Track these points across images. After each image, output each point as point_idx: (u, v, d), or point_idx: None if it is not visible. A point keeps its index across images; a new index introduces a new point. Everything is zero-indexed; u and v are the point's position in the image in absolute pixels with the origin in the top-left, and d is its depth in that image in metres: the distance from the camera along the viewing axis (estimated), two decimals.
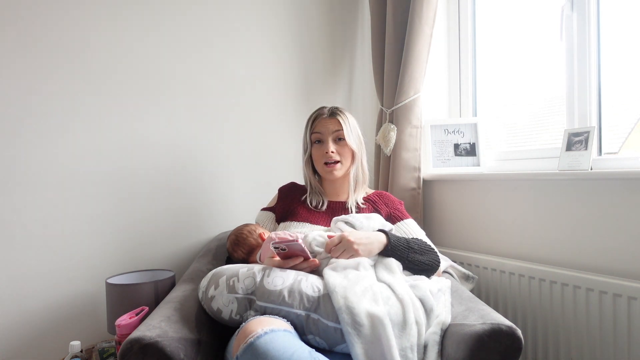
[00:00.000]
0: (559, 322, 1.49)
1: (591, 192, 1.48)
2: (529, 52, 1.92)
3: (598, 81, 1.61)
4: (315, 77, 2.18)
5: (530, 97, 1.95)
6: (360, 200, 1.55)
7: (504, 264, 1.67)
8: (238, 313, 1.13)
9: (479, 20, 2.09)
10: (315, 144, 1.54)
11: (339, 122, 1.51)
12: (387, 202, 1.57)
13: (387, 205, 1.56)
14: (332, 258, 1.27)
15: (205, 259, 1.60)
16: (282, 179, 1.91)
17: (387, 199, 1.59)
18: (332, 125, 1.51)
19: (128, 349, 0.98)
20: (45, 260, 1.60)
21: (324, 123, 1.52)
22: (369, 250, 1.28)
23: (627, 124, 1.62)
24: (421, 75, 1.95)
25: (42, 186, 1.59)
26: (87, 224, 1.67)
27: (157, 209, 1.80)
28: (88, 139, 1.67)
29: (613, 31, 1.59)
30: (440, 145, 2.04)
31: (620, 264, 1.40)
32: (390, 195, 1.61)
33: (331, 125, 1.51)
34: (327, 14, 2.21)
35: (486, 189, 1.81)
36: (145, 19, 1.77)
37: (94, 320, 1.68)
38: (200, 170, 1.90)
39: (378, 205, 1.55)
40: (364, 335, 1.04)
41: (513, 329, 1.02)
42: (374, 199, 1.57)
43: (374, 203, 1.56)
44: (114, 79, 1.71)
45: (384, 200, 1.57)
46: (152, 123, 1.79)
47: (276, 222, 1.58)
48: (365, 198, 1.57)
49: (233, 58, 1.96)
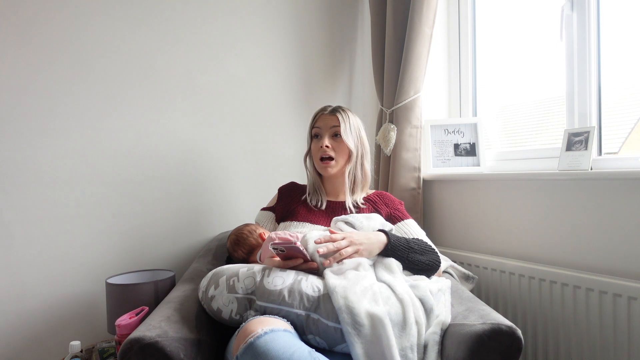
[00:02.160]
0: (559, 322, 1.49)
1: (591, 192, 1.48)
2: (529, 52, 1.92)
3: (598, 81, 1.61)
4: (315, 77, 2.18)
5: (530, 97, 1.95)
6: (360, 200, 1.55)
7: (504, 264, 1.67)
8: (238, 313, 1.13)
9: (479, 20, 2.09)
10: (314, 138, 1.56)
11: (338, 118, 1.52)
12: (388, 202, 1.57)
13: (387, 206, 1.56)
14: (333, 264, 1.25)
15: (205, 259, 1.60)
16: (282, 178, 1.91)
17: (388, 199, 1.59)
18: (331, 121, 1.53)
19: (128, 349, 0.98)
20: (45, 260, 1.60)
21: (323, 118, 1.55)
22: (370, 250, 1.28)
23: (627, 124, 1.62)
24: (421, 75, 1.95)
25: (42, 186, 1.59)
26: (87, 224, 1.67)
27: (157, 209, 1.80)
28: (88, 139, 1.67)
29: (613, 31, 1.59)
30: (440, 145, 2.04)
31: (620, 264, 1.40)
32: (390, 196, 1.61)
33: (330, 121, 1.53)
34: (327, 14, 2.21)
35: (486, 189, 1.81)
36: (145, 20, 1.76)
37: (94, 320, 1.68)
38: (200, 170, 1.90)
39: (378, 205, 1.55)
40: (364, 335, 1.04)
41: (513, 329, 1.02)
42: (374, 199, 1.57)
43: (374, 203, 1.56)
44: (114, 79, 1.71)
45: (384, 201, 1.58)
46: (152, 123, 1.79)
47: (276, 222, 1.58)
48: (365, 198, 1.57)
49: (232, 58, 1.96)
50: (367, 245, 1.28)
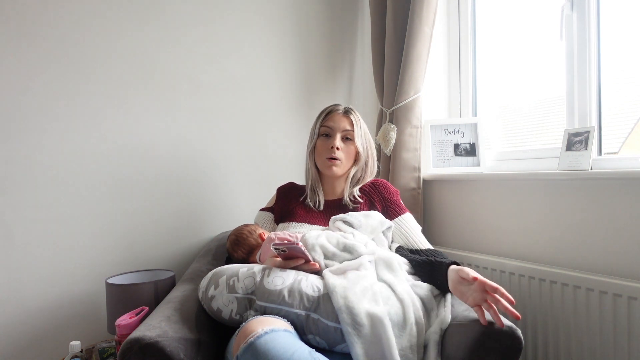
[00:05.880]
0: (559, 322, 1.49)
1: (591, 192, 1.48)
2: (529, 52, 1.92)
3: (598, 81, 1.61)
4: (315, 77, 2.19)
5: (530, 97, 1.95)
6: (357, 193, 1.54)
7: (504, 264, 1.67)
8: (238, 313, 1.13)
9: (479, 20, 2.09)
10: (323, 136, 1.54)
11: (352, 122, 1.52)
12: (383, 193, 1.54)
13: (383, 197, 1.54)
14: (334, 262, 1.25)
15: (205, 259, 1.59)
16: (282, 178, 1.91)
17: (382, 188, 1.56)
18: (344, 124, 1.52)
19: (128, 349, 0.98)
20: (45, 260, 1.60)
21: (336, 119, 1.53)
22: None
23: (627, 124, 1.62)
24: (421, 75, 1.95)
25: (42, 186, 1.59)
26: (87, 224, 1.67)
27: (157, 209, 1.80)
28: (88, 139, 1.67)
29: (613, 31, 1.59)
30: (440, 145, 2.04)
31: (621, 264, 1.40)
32: (385, 184, 1.58)
33: (343, 123, 1.52)
34: (327, 14, 2.21)
35: (486, 189, 1.81)
36: (146, 20, 1.77)
37: (94, 320, 1.68)
38: (200, 170, 1.90)
39: (373, 197, 1.54)
40: (364, 335, 1.04)
41: (513, 329, 1.02)
42: (369, 190, 1.56)
43: (369, 195, 1.55)
44: (114, 79, 1.71)
45: (379, 191, 1.55)
46: (152, 123, 1.79)
47: (275, 223, 1.58)
48: (361, 189, 1.56)
49: (233, 58, 1.96)
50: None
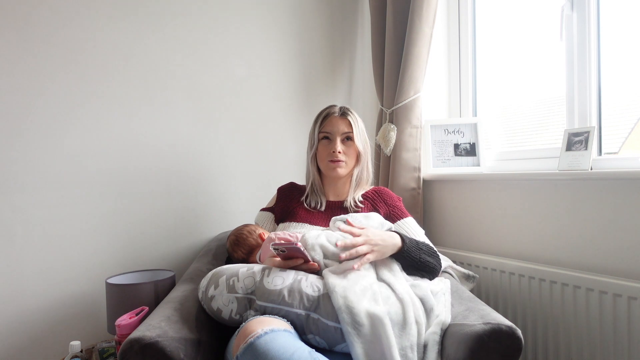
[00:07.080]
0: (559, 322, 1.49)
1: (591, 192, 1.48)
2: (529, 52, 1.92)
3: (598, 81, 1.61)
4: (315, 77, 2.19)
5: (530, 97, 1.95)
6: (359, 198, 1.55)
7: (504, 264, 1.67)
8: (238, 313, 1.13)
9: (479, 20, 2.09)
10: (323, 140, 1.53)
11: (350, 123, 1.51)
12: (386, 199, 1.55)
13: (386, 203, 1.54)
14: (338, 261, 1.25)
15: (205, 259, 1.59)
16: (282, 179, 1.91)
17: (386, 195, 1.57)
18: (343, 126, 1.51)
19: (128, 349, 0.98)
20: (45, 260, 1.60)
21: (334, 122, 1.52)
22: (383, 252, 1.25)
23: (627, 124, 1.62)
24: (421, 75, 1.95)
25: (42, 186, 1.59)
26: (87, 224, 1.67)
27: (157, 209, 1.80)
28: (88, 139, 1.67)
29: (613, 31, 1.59)
30: (440, 145, 2.04)
31: (621, 264, 1.40)
32: (388, 192, 1.59)
33: (341, 126, 1.51)
34: (327, 14, 2.21)
35: (486, 189, 1.81)
36: (146, 20, 1.76)
37: (94, 320, 1.68)
38: (200, 170, 1.90)
39: (376, 202, 1.54)
40: (364, 335, 1.04)
41: (513, 329, 1.02)
42: (372, 196, 1.56)
43: (372, 201, 1.55)
44: (113, 79, 1.71)
45: (383, 198, 1.56)
46: (152, 123, 1.79)
47: (275, 223, 1.57)
48: (364, 195, 1.56)
49: (232, 58, 1.96)
50: (381, 247, 1.24)
